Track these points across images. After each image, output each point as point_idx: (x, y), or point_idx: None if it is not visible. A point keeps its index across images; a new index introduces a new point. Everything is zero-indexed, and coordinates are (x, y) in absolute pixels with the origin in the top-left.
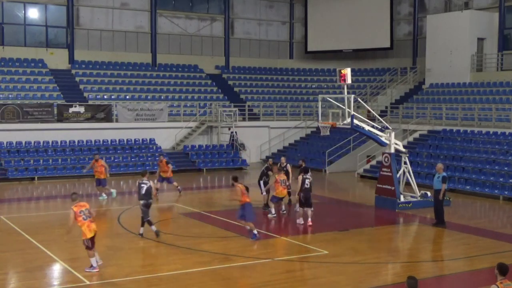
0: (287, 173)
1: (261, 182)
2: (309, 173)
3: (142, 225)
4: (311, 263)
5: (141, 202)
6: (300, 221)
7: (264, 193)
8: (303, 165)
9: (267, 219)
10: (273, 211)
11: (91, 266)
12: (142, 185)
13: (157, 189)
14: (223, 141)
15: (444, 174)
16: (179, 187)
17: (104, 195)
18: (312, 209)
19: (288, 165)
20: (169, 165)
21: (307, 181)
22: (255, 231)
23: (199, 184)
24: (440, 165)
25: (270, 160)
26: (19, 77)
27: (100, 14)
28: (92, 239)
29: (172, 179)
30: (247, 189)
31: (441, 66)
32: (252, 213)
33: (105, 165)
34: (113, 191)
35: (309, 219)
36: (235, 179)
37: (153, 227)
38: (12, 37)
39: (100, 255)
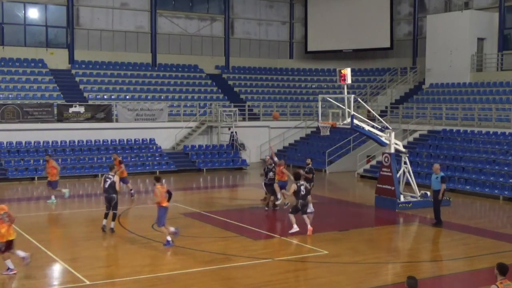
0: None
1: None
2: (302, 179)
3: (113, 219)
4: (311, 263)
5: (105, 195)
6: (296, 228)
7: (279, 196)
8: (310, 165)
9: (268, 219)
10: (279, 196)
11: (8, 269)
12: (107, 179)
13: (131, 190)
14: (223, 141)
15: (443, 174)
16: (132, 191)
17: (53, 198)
18: (308, 214)
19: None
20: (122, 165)
21: (302, 188)
22: (168, 238)
23: (199, 184)
24: (436, 166)
25: (267, 157)
26: (19, 77)
27: (100, 14)
28: (8, 242)
29: (127, 179)
30: (169, 192)
31: (441, 66)
32: (163, 218)
33: (57, 167)
34: (66, 190)
35: (309, 226)
36: (157, 179)
37: (104, 221)
38: (12, 37)
39: (100, 255)
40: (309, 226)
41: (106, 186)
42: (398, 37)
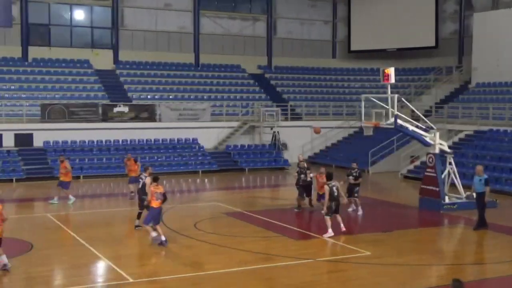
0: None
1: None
2: (333, 179)
3: (138, 217)
4: (353, 264)
5: (137, 195)
6: (331, 233)
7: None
8: (356, 167)
9: (310, 219)
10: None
11: (4, 264)
12: (139, 180)
13: (131, 192)
14: (265, 141)
15: (486, 176)
16: (133, 193)
17: (56, 198)
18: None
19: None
20: (138, 163)
21: (334, 189)
22: (153, 233)
23: (241, 184)
24: (480, 167)
25: (300, 156)
26: (65, 77)
27: (144, 15)
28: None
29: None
30: (164, 196)
31: (488, 65)
32: (150, 217)
33: (68, 168)
34: (72, 198)
35: (342, 225)
36: (155, 179)
37: (137, 221)
38: (58, 38)
39: (144, 253)
40: (341, 225)
41: (140, 186)
42: (444, 36)
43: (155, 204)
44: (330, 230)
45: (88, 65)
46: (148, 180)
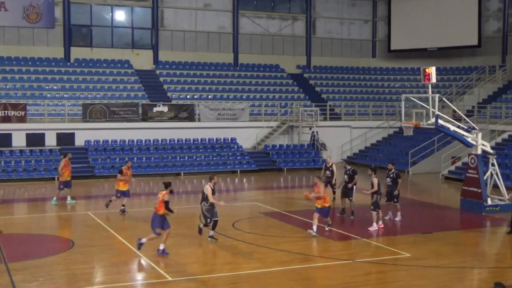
0: (332, 173)
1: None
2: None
3: (213, 228)
4: (393, 266)
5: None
6: (375, 227)
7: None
8: (392, 168)
9: (349, 220)
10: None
11: None
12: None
13: (110, 201)
14: (303, 140)
15: None
16: (123, 207)
17: (70, 198)
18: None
19: (333, 164)
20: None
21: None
22: (143, 240)
23: (279, 184)
24: None
25: (328, 158)
26: (106, 77)
27: (184, 15)
28: None
29: (128, 192)
30: (166, 203)
31: None
32: (154, 222)
33: (69, 168)
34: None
35: (380, 222)
36: (166, 185)
37: (201, 225)
38: (100, 39)
39: (182, 252)
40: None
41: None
42: (487, 34)
43: (161, 211)
44: (375, 224)
45: (129, 65)
46: (208, 188)
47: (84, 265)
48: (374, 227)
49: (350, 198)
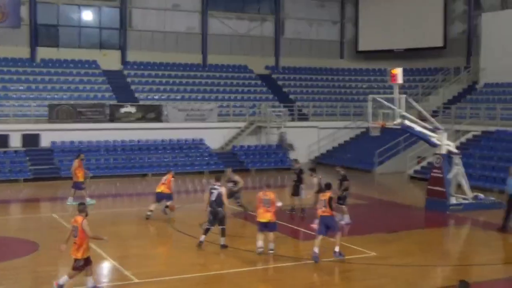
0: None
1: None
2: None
3: (222, 235)
4: (359, 265)
5: (209, 208)
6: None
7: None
8: (342, 172)
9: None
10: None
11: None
12: (213, 190)
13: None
14: (271, 141)
15: None
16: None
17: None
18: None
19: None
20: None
21: (321, 181)
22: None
23: (247, 184)
24: None
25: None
26: (73, 78)
27: (152, 15)
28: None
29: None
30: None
31: (497, 65)
32: None
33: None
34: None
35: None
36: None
37: (203, 237)
38: (66, 39)
39: (149, 254)
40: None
41: (213, 198)
42: (452, 36)
43: None
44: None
45: (96, 66)
46: (223, 189)
47: (49, 268)
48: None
49: (298, 197)
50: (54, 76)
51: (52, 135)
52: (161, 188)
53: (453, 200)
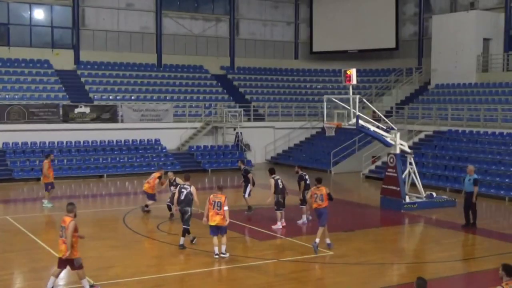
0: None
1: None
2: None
3: (183, 234)
4: (316, 264)
5: (178, 207)
6: (283, 223)
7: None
8: (299, 172)
9: (272, 219)
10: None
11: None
12: (183, 189)
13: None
14: (228, 141)
15: (476, 176)
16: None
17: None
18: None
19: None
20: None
21: (279, 182)
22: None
23: (204, 185)
24: (471, 167)
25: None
26: (25, 77)
27: (106, 14)
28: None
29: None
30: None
31: (447, 66)
32: None
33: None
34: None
35: (283, 220)
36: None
37: (182, 239)
38: (17, 38)
39: (105, 256)
40: (283, 220)
41: (182, 197)
42: (404, 38)
43: None
44: (278, 223)
45: (48, 65)
46: (193, 189)
47: (2, 272)
48: (277, 226)
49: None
50: (5, 76)
51: (3, 136)
52: (145, 187)
53: (407, 199)
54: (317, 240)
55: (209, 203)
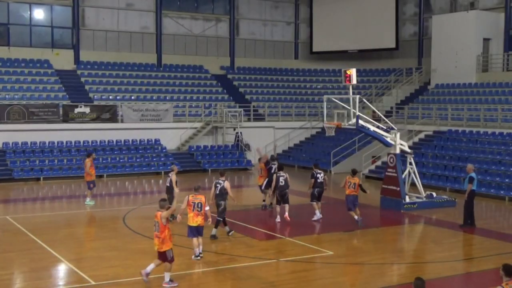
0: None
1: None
2: (283, 171)
3: (215, 226)
4: (316, 264)
5: (214, 201)
6: (278, 219)
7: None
8: (313, 169)
9: (271, 220)
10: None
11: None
12: (217, 184)
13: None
14: (228, 141)
15: (472, 174)
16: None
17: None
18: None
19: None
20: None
21: (281, 179)
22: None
23: (204, 185)
24: (469, 166)
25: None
26: (25, 77)
27: (106, 14)
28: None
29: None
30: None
31: (447, 66)
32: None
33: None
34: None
35: (286, 213)
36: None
37: (227, 228)
38: (18, 38)
39: (105, 255)
40: (286, 213)
41: (217, 191)
42: (404, 38)
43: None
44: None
45: (48, 65)
46: (227, 184)
47: (2, 272)
48: (277, 219)
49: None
50: (5, 76)
51: (3, 136)
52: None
53: (407, 199)
54: (356, 217)
55: (188, 205)
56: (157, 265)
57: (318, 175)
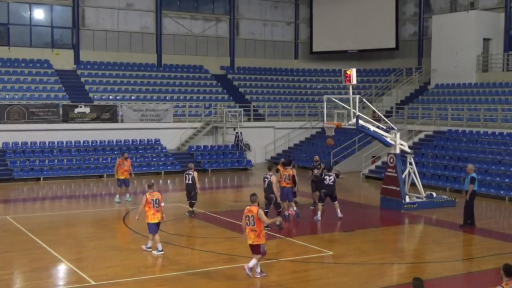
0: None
1: None
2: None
3: (279, 214)
4: (316, 264)
5: (264, 195)
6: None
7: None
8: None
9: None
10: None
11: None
12: (265, 179)
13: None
14: (228, 141)
15: (473, 175)
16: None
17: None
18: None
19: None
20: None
21: (266, 180)
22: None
23: (204, 185)
24: (470, 166)
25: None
26: (25, 77)
27: (106, 14)
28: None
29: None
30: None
31: (447, 66)
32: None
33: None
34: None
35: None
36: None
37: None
38: (17, 38)
39: (105, 255)
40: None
41: (265, 186)
42: (404, 38)
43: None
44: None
45: (48, 65)
46: (273, 178)
47: (2, 272)
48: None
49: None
50: (5, 75)
51: (3, 136)
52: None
53: (407, 199)
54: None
55: (147, 203)
56: (258, 260)
57: (326, 177)
